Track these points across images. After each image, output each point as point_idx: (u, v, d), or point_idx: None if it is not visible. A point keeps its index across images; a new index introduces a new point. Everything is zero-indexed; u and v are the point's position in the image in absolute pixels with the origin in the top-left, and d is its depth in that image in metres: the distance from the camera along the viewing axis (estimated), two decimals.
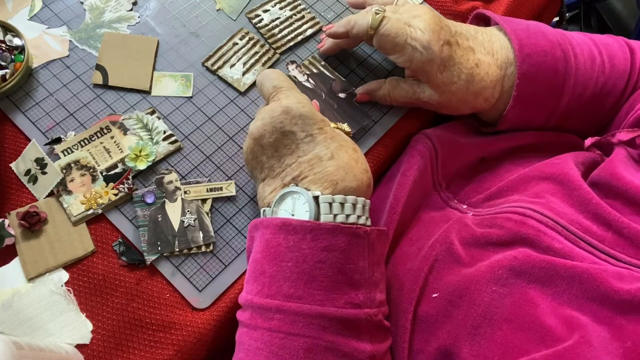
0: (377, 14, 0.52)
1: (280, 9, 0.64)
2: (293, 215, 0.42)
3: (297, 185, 0.43)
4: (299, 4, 0.65)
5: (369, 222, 0.43)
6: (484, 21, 0.60)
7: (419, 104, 0.57)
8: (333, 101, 0.58)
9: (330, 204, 0.41)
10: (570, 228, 0.42)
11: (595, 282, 0.38)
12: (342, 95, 0.59)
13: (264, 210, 0.45)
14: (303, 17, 0.64)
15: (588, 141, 0.53)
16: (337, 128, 0.48)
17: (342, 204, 0.41)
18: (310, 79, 0.60)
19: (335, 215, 0.41)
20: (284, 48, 0.62)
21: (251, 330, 0.40)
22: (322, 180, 0.42)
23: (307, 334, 0.38)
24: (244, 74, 0.60)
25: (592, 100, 0.54)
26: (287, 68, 0.61)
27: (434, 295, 0.43)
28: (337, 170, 0.42)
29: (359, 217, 0.42)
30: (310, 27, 0.64)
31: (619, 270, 0.38)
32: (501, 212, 0.46)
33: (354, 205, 0.42)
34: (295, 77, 0.60)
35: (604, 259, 0.40)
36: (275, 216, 0.43)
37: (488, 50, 0.53)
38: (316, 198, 0.41)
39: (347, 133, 0.49)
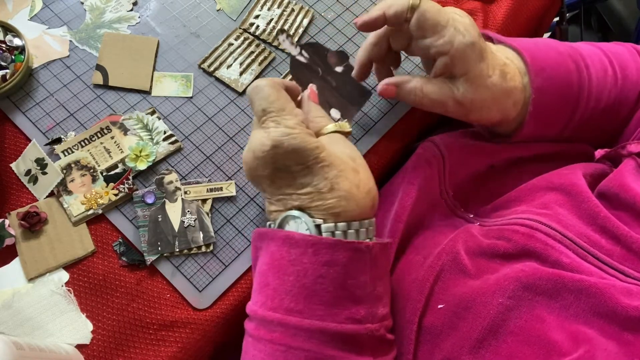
0: None
1: (269, 9, 0.64)
2: None
3: (299, 211, 0.42)
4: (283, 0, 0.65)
5: (373, 240, 0.42)
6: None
7: (448, 105, 0.51)
8: (331, 78, 0.56)
9: (333, 233, 0.40)
10: (579, 242, 0.41)
11: (603, 297, 0.37)
12: (338, 69, 0.57)
13: (270, 224, 0.45)
14: (292, 10, 0.65)
15: (597, 153, 0.52)
16: (337, 131, 0.46)
17: (344, 232, 0.41)
18: (303, 51, 0.58)
19: None
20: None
21: (255, 340, 0.41)
22: (324, 213, 0.41)
23: (307, 348, 0.38)
24: (241, 74, 0.60)
25: (605, 112, 0.53)
26: (278, 38, 0.60)
27: (439, 306, 0.43)
28: (339, 202, 0.41)
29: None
30: (304, 16, 0.64)
31: (627, 286, 0.38)
32: (508, 223, 0.45)
33: (358, 230, 0.41)
34: (287, 51, 0.58)
35: (612, 273, 0.39)
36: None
37: (505, 56, 0.51)
38: (318, 226, 0.41)
39: (346, 133, 0.48)
